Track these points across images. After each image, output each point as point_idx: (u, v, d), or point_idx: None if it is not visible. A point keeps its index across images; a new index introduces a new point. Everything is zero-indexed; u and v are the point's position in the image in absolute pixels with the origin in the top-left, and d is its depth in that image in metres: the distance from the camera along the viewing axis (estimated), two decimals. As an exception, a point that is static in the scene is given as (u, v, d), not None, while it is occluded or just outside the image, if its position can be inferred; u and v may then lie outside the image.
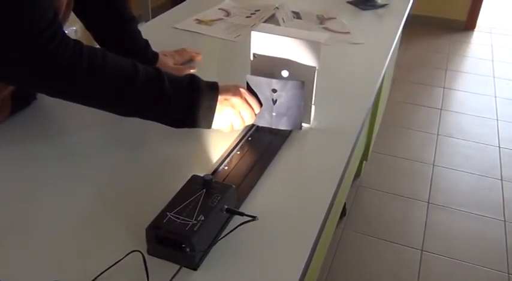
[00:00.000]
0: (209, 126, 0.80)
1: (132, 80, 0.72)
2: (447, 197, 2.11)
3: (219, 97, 0.79)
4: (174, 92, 0.75)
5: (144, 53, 1.05)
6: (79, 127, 0.87)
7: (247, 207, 0.70)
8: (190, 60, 1.16)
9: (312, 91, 0.86)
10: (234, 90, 0.81)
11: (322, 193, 0.74)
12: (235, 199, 0.68)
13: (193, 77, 0.79)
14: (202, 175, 0.66)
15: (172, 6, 1.56)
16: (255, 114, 0.84)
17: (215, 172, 0.76)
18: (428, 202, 2.07)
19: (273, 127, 0.86)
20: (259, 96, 0.84)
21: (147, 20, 2.60)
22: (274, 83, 0.82)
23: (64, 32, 0.69)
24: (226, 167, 0.77)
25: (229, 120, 0.81)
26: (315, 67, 0.83)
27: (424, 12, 4.03)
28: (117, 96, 0.72)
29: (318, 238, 0.68)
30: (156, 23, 1.41)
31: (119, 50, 1.02)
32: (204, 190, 0.64)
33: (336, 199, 0.81)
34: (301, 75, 0.85)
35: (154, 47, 1.07)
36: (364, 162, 2.17)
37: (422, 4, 3.97)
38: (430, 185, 2.17)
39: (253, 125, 0.87)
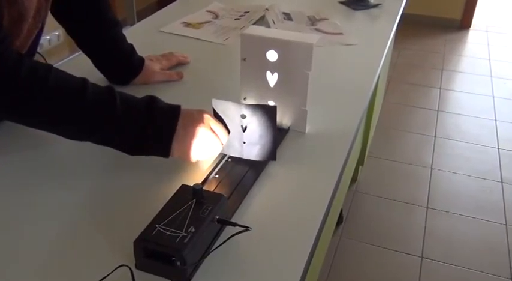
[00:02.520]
0: (166, 155, 0.74)
1: (78, 99, 0.68)
2: (446, 201, 2.12)
3: (180, 123, 0.73)
4: (127, 115, 0.71)
5: (129, 58, 1.04)
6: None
7: (239, 217, 0.70)
8: (177, 65, 1.15)
9: (305, 95, 0.86)
10: (198, 116, 0.75)
11: (318, 199, 0.74)
12: (227, 209, 0.67)
13: (152, 99, 0.74)
14: (192, 185, 0.65)
15: (159, 9, 1.56)
16: (222, 143, 0.78)
17: (205, 180, 0.76)
18: (427, 207, 2.08)
19: (244, 158, 0.80)
20: (227, 123, 0.79)
21: (132, 24, 2.60)
22: (244, 108, 0.76)
23: (7, 46, 0.67)
24: (217, 176, 0.77)
25: (191, 149, 0.75)
26: (307, 70, 0.83)
27: (418, 11, 4.07)
28: (60, 116, 0.69)
29: (314, 247, 0.67)
30: (142, 27, 1.41)
31: (102, 56, 1.03)
32: (194, 200, 0.64)
33: (332, 205, 0.81)
34: (293, 79, 0.85)
35: (140, 52, 1.07)
36: (360, 167, 2.17)
37: (416, 3, 4.01)
38: (429, 189, 2.18)
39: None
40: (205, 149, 0.76)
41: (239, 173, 0.78)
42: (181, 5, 1.60)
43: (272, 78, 0.86)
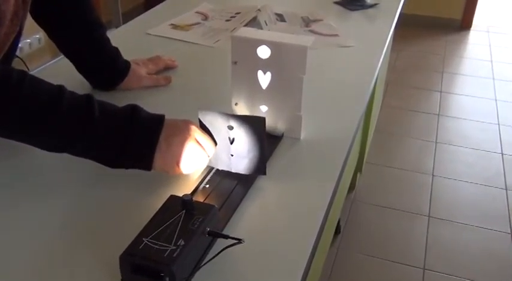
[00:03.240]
0: (148, 168, 0.74)
1: (54, 108, 0.67)
2: (449, 209, 2.12)
3: (162, 134, 0.73)
4: (106, 125, 0.70)
5: (114, 62, 1.04)
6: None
7: (231, 229, 0.70)
8: (165, 69, 1.15)
9: (300, 100, 0.86)
10: (182, 127, 0.75)
11: (314, 209, 0.73)
12: (219, 221, 0.67)
13: (133, 108, 0.73)
14: (181, 195, 0.65)
15: (145, 10, 1.56)
16: (209, 156, 0.77)
17: (195, 191, 0.75)
18: (428, 216, 2.08)
19: (233, 171, 0.79)
20: (214, 134, 0.78)
21: (117, 26, 2.59)
22: (230, 119, 0.75)
23: None
24: (207, 186, 0.76)
25: (175, 162, 0.74)
26: (301, 73, 0.83)
27: (417, 11, 4.10)
28: (34, 126, 0.68)
29: (311, 259, 0.67)
30: (128, 29, 1.41)
31: (86, 60, 1.03)
32: (184, 211, 0.63)
33: (329, 215, 0.81)
34: (287, 83, 0.85)
35: (126, 55, 1.07)
36: (358, 174, 2.18)
37: (415, 3, 4.04)
38: (430, 197, 2.19)
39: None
40: (190, 162, 0.75)
41: (229, 184, 0.77)
42: (168, 6, 1.60)
43: (264, 79, 0.86)
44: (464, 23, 4.14)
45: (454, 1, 4.08)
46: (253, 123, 0.75)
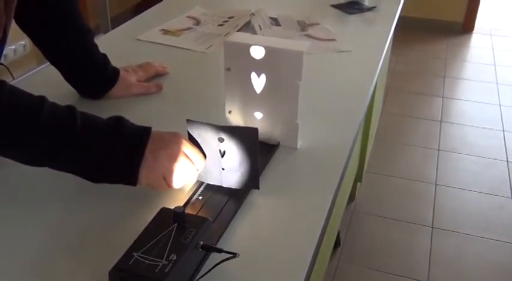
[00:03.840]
0: (133, 183, 0.73)
1: (33, 120, 0.67)
2: (453, 220, 2.13)
3: (149, 147, 0.72)
4: (88, 138, 0.70)
5: (103, 69, 1.04)
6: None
7: (226, 242, 0.69)
8: (156, 76, 1.16)
9: (296, 107, 0.87)
10: (170, 139, 0.74)
11: (312, 222, 0.74)
12: (212, 234, 0.67)
13: (118, 119, 0.73)
14: (172, 207, 0.65)
15: (135, 15, 1.57)
16: (198, 169, 0.77)
17: (187, 203, 0.75)
18: (432, 227, 2.09)
19: (224, 186, 0.79)
20: (203, 147, 0.77)
21: (105, 32, 2.60)
22: (221, 130, 0.75)
23: None
24: (200, 197, 0.77)
25: (162, 177, 0.74)
26: (297, 79, 0.84)
27: (417, 13, 4.13)
28: (13, 138, 0.67)
29: (309, 274, 0.67)
30: (116, 35, 1.41)
31: (73, 67, 1.03)
32: (176, 224, 0.63)
33: (328, 227, 0.81)
34: (282, 90, 0.85)
35: (115, 62, 1.07)
36: (358, 184, 2.18)
37: (414, 5, 4.06)
38: (434, 208, 2.19)
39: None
40: (179, 176, 0.75)
41: (224, 196, 0.77)
42: (159, 11, 1.61)
43: (259, 82, 0.87)
44: (466, 26, 4.17)
45: (456, 3, 4.11)
46: (245, 135, 0.74)
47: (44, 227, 0.72)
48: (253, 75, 0.86)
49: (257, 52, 0.84)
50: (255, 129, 0.74)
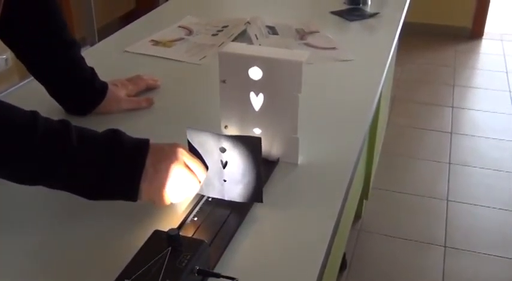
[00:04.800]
0: (133, 199, 0.74)
1: (26, 136, 0.67)
2: (467, 238, 2.12)
3: (149, 160, 0.73)
4: (85, 153, 0.70)
5: (90, 84, 1.05)
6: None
7: (223, 267, 0.69)
8: (146, 90, 1.16)
9: (296, 121, 0.87)
10: (170, 151, 0.75)
11: (315, 243, 0.73)
12: (209, 257, 0.67)
13: (114, 133, 0.74)
14: (166, 230, 0.65)
15: (123, 25, 1.58)
16: (199, 181, 0.78)
17: (182, 225, 0.75)
18: (444, 246, 2.08)
19: (226, 199, 0.79)
20: (204, 157, 0.78)
21: (92, 44, 2.61)
22: (222, 140, 0.76)
23: None
24: (195, 219, 0.76)
25: (163, 190, 0.75)
26: (297, 91, 0.84)
27: (423, 19, 4.15)
28: (4, 157, 0.68)
29: (313, 299, 0.67)
30: (104, 47, 1.42)
31: (58, 82, 1.03)
32: (170, 248, 0.63)
33: (333, 249, 0.81)
34: (281, 103, 0.86)
35: (103, 76, 1.08)
36: (365, 201, 2.18)
37: (420, 10, 4.08)
38: (446, 225, 2.19)
39: None
40: (180, 190, 0.76)
41: (221, 216, 0.77)
42: (149, 21, 1.62)
43: (257, 101, 0.87)
44: (475, 31, 4.20)
45: (464, 7, 4.14)
46: (248, 145, 0.75)
47: (28, 251, 0.71)
48: (252, 94, 0.87)
49: (255, 73, 0.85)
50: (258, 139, 0.74)
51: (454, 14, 4.16)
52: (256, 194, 0.78)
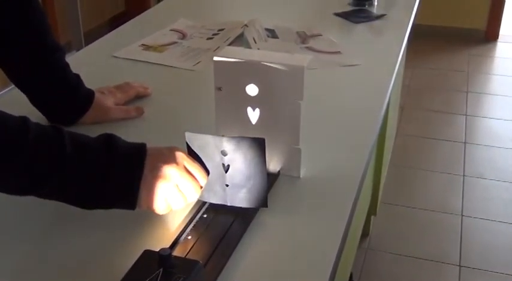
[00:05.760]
0: (132, 206, 0.75)
1: (18, 144, 0.68)
2: (483, 256, 2.11)
3: (147, 165, 0.74)
4: (80, 160, 0.71)
5: (75, 92, 1.05)
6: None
7: (220, 288, 0.69)
8: (136, 98, 1.16)
9: (298, 130, 0.87)
10: (169, 155, 0.77)
11: (319, 263, 0.73)
12: (205, 278, 0.66)
13: (109, 137, 0.75)
14: (157, 249, 0.64)
15: (111, 29, 1.58)
16: (201, 187, 0.79)
17: (175, 244, 0.75)
18: (459, 265, 2.07)
19: (228, 204, 0.81)
20: (205, 161, 0.80)
21: (78, 48, 2.62)
22: (224, 142, 0.77)
23: None
24: (189, 237, 0.76)
25: (163, 197, 0.76)
26: (298, 99, 0.84)
27: (433, 21, 4.17)
28: None
29: (317, 324, 0.66)
30: (91, 52, 1.42)
31: (41, 90, 1.03)
32: (161, 269, 0.63)
33: (338, 269, 0.80)
34: (281, 111, 0.86)
35: (89, 83, 1.08)
36: (373, 217, 2.17)
37: (430, 12, 4.09)
38: (461, 243, 2.18)
39: None
40: (180, 196, 0.77)
41: (216, 234, 0.77)
42: (139, 24, 1.62)
43: (253, 115, 0.88)
44: (490, 34, 4.21)
45: (477, 8, 4.16)
46: (252, 146, 0.76)
47: (4, 276, 0.71)
48: (249, 109, 0.87)
49: (252, 90, 0.85)
50: (262, 140, 0.76)
51: (467, 15, 4.17)
52: (260, 199, 0.79)
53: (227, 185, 0.80)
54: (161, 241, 0.76)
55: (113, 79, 1.19)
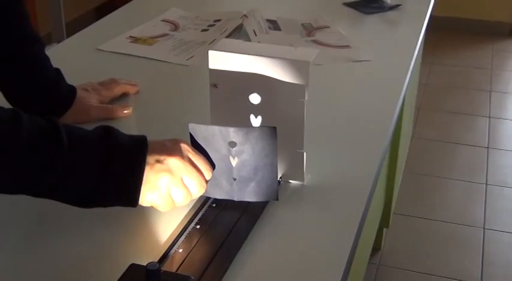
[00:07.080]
0: (134, 203, 0.76)
1: (11, 138, 0.68)
2: (507, 274, 2.11)
3: (149, 158, 0.75)
4: (77, 154, 0.71)
5: (55, 88, 1.05)
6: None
7: (214, 308, 0.69)
8: (123, 95, 1.16)
9: (302, 133, 0.87)
10: (172, 147, 0.78)
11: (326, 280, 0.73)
12: (196, 297, 0.66)
13: (106, 129, 0.75)
14: (144, 264, 0.64)
15: (96, 19, 1.58)
16: (206, 182, 0.80)
17: (164, 257, 0.75)
18: (481, 284, 2.07)
19: (235, 199, 0.83)
20: (210, 154, 0.81)
21: (59, 41, 2.62)
22: (232, 133, 0.79)
23: None
24: (180, 250, 0.76)
25: (167, 193, 0.77)
26: (302, 97, 0.84)
27: (454, 13, 4.16)
28: None
29: None
30: (73, 44, 1.43)
31: (17, 86, 1.03)
32: (149, 285, 0.63)
33: (346, 287, 0.80)
34: (284, 111, 0.86)
35: (70, 79, 1.08)
36: (385, 230, 2.17)
37: (450, 3, 4.08)
38: (482, 259, 2.18)
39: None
40: (185, 191, 0.77)
41: (212, 245, 0.77)
42: (126, 14, 1.62)
43: (256, 122, 0.89)
44: (516, 27, 4.21)
45: (500, 0, 4.15)
46: (263, 136, 0.78)
47: (-22, 292, 0.71)
48: (251, 117, 0.88)
49: (255, 99, 0.86)
50: (274, 128, 0.78)
51: (491, 7, 4.17)
52: (271, 191, 0.81)
53: (234, 179, 0.81)
54: (149, 253, 0.76)
55: (97, 75, 1.19)
